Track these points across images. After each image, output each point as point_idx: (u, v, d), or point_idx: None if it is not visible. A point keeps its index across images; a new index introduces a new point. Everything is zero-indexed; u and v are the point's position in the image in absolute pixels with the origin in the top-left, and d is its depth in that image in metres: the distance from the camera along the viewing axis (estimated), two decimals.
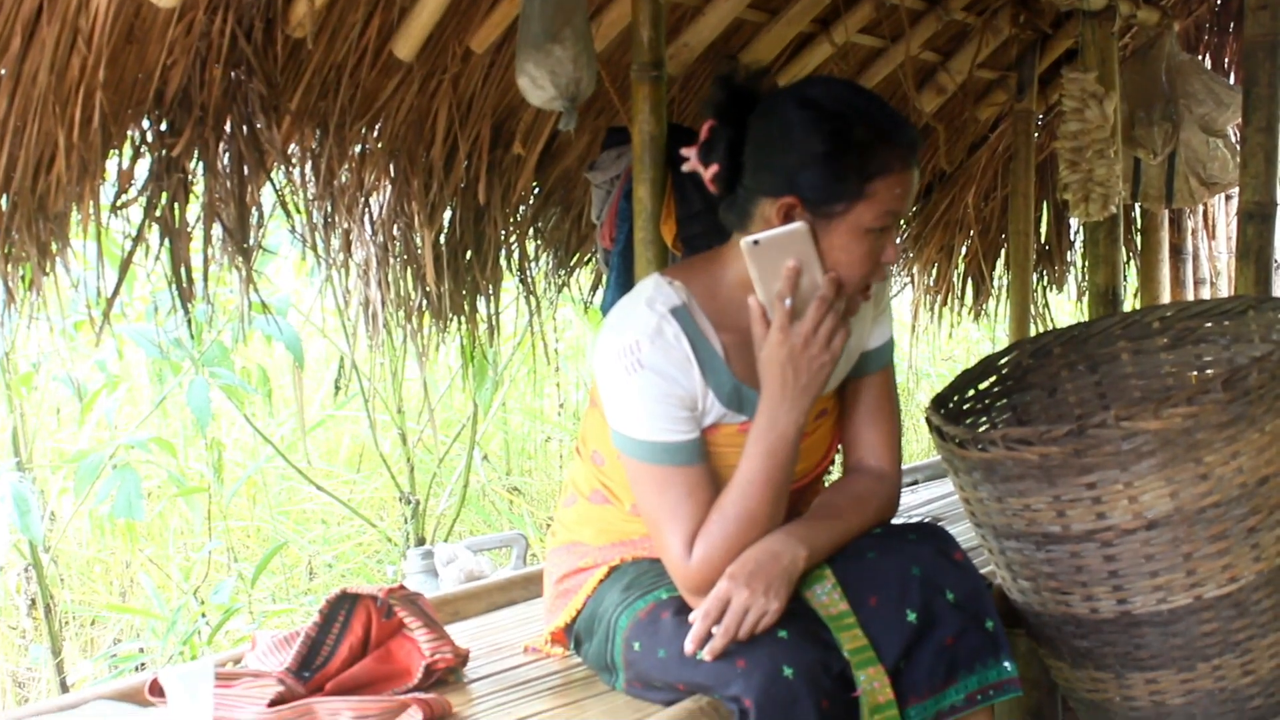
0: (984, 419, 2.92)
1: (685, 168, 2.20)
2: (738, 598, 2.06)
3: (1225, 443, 2.37)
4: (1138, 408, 2.34)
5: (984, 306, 6.13)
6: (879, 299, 2.32)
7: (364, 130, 3.52)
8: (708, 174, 2.14)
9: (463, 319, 4.07)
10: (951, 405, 2.86)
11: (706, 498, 2.12)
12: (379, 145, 3.57)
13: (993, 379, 2.94)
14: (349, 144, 3.48)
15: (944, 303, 6.05)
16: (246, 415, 4.87)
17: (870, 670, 2.09)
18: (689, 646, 2.05)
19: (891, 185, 2.05)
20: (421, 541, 4.85)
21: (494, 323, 4.12)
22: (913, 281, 5.96)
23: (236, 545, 5.21)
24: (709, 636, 2.04)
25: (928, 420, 2.62)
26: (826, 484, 2.44)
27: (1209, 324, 2.86)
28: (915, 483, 4.25)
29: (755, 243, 2.04)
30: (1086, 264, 5.12)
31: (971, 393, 2.91)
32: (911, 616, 2.12)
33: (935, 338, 6.53)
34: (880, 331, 2.34)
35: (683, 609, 2.14)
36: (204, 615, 4.44)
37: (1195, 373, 2.89)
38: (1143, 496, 2.38)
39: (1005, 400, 2.95)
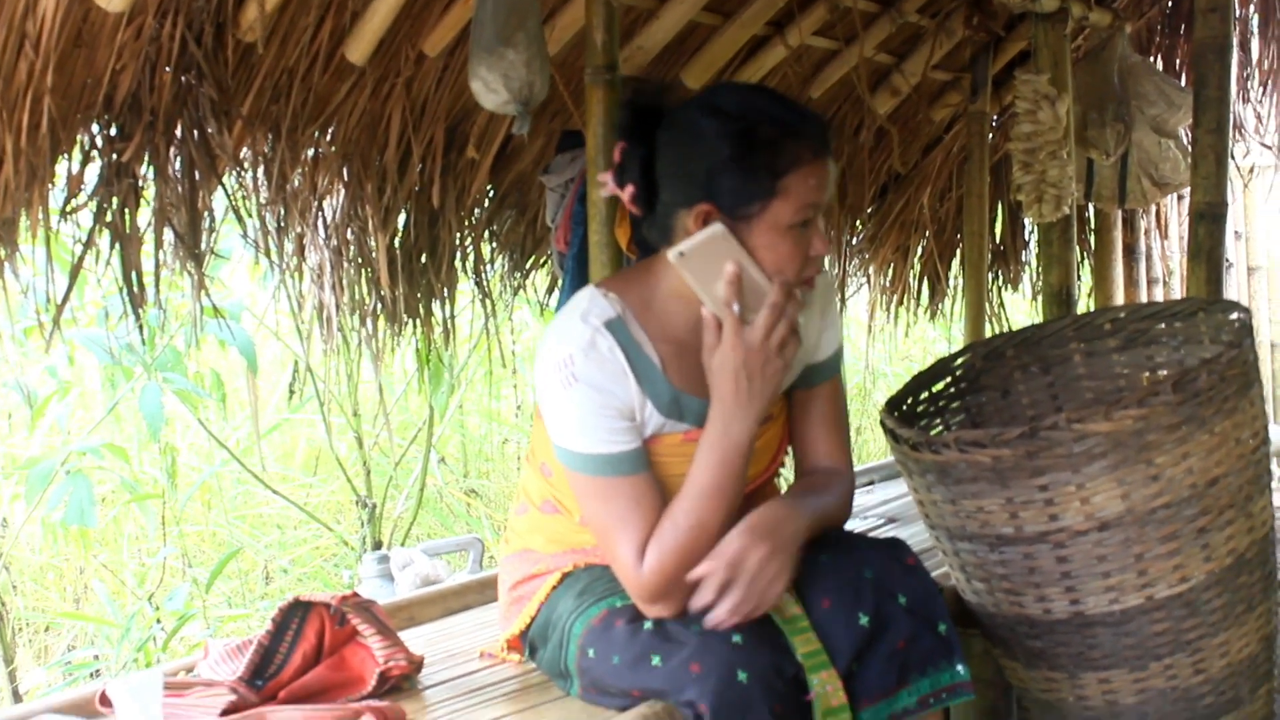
0: (938, 421, 2.93)
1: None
2: (754, 557, 2.05)
3: (1175, 444, 2.38)
4: (1089, 410, 2.35)
5: (940, 306, 6.15)
6: (825, 309, 2.32)
7: (316, 134, 3.50)
8: (625, 195, 2.15)
9: (418, 322, 4.05)
10: (905, 408, 2.87)
11: (654, 505, 2.12)
12: (332, 149, 3.55)
13: (946, 381, 2.96)
14: (301, 148, 3.46)
15: (900, 303, 6.07)
16: (201, 420, 4.84)
17: (823, 674, 2.09)
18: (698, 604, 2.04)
19: (805, 178, 2.05)
20: (378, 545, 4.83)
21: (449, 326, 4.10)
22: (869, 282, 5.98)
23: (191, 551, 5.18)
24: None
25: (882, 423, 2.63)
26: (777, 488, 2.45)
27: (1160, 325, 2.88)
28: (871, 483, 4.26)
29: (681, 254, 2.04)
30: (1041, 264, 5.15)
31: (925, 395, 2.92)
32: (864, 620, 2.12)
33: (892, 338, 6.54)
34: (828, 341, 2.35)
35: (636, 616, 2.14)
36: (159, 621, 4.41)
37: (1146, 374, 2.91)
38: (1094, 498, 2.40)
39: (959, 402, 2.96)
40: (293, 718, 2.12)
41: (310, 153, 3.54)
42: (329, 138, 3.55)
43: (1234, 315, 2.67)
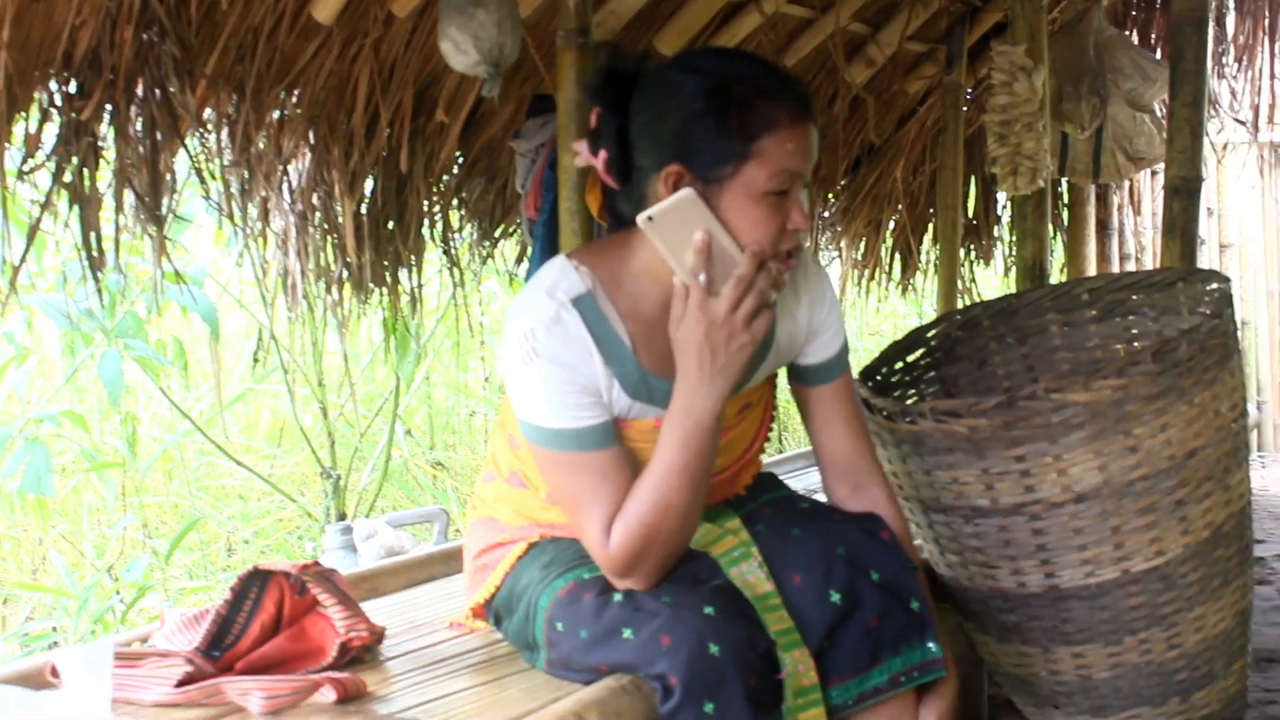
0: (912, 391, 2.89)
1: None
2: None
3: (1154, 415, 2.35)
4: (1067, 380, 2.32)
5: (911, 281, 6.12)
6: (815, 300, 2.25)
7: (282, 95, 3.44)
8: (599, 162, 2.08)
9: (384, 290, 3.99)
10: (880, 378, 2.83)
11: (623, 479, 2.05)
12: (298, 111, 3.49)
13: (921, 351, 2.92)
14: (266, 109, 3.39)
15: (871, 277, 6.03)
16: (162, 388, 4.76)
17: (796, 653, 2.04)
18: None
19: (781, 141, 1.96)
20: (342, 517, 4.76)
21: (416, 294, 4.04)
22: (840, 255, 5.94)
23: (152, 522, 5.10)
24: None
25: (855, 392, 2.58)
26: (759, 466, 2.39)
27: (1137, 296, 2.85)
28: None
29: (650, 218, 1.96)
30: (1014, 238, 5.13)
31: (900, 365, 2.89)
32: (835, 597, 2.07)
33: (863, 312, 6.51)
34: (829, 340, 2.27)
35: (606, 589, 2.07)
36: (118, 593, 4.34)
37: (1124, 345, 2.87)
38: (1071, 469, 2.36)
39: (934, 373, 2.93)
40: (250, 689, 2.05)
41: (275, 115, 3.47)
42: (295, 99, 3.48)
43: (1214, 285, 2.63)
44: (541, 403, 2.04)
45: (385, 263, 3.93)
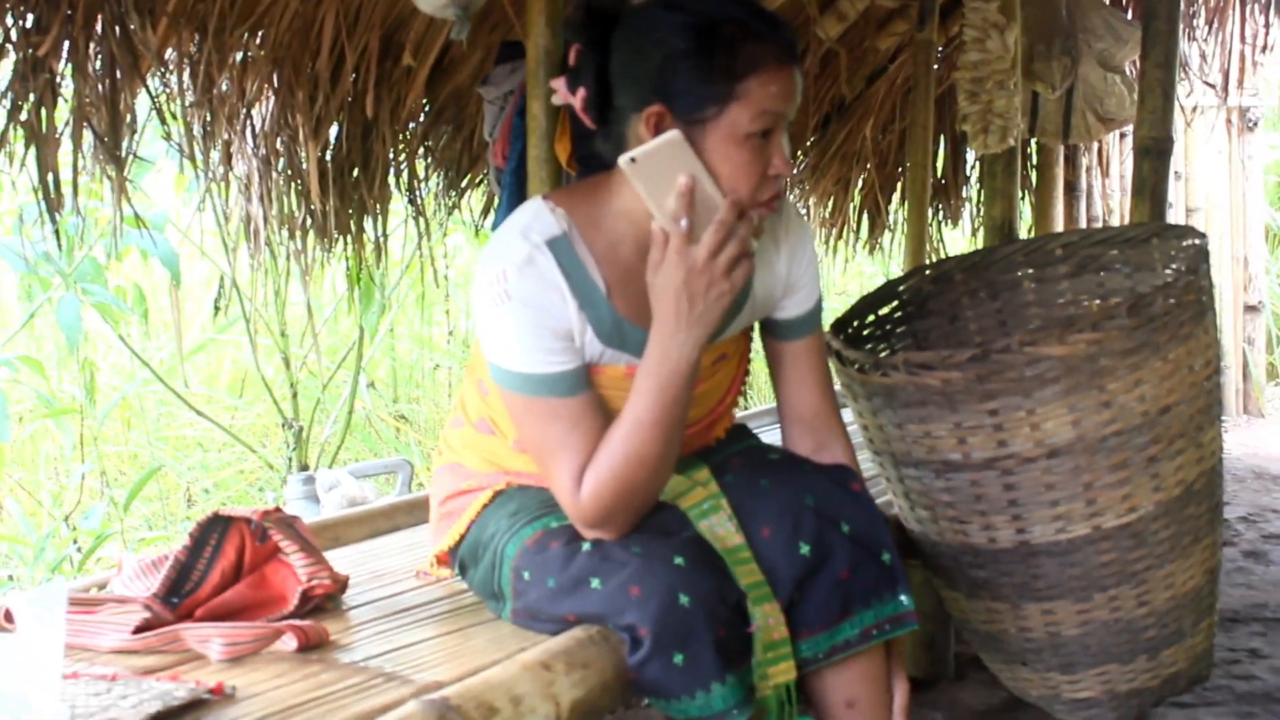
0: (883, 345, 2.86)
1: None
2: None
3: (1129, 370, 2.32)
4: (1042, 333, 2.29)
5: (879, 240, 6.10)
6: (795, 251, 2.21)
7: (246, 37, 3.37)
8: (577, 100, 2.03)
9: (349, 239, 3.94)
10: (851, 330, 2.80)
11: (594, 427, 2.01)
12: (261, 53, 3.42)
13: (893, 305, 2.89)
14: (229, 50, 3.33)
15: (839, 236, 6.01)
16: (121, 335, 4.69)
17: (766, 607, 2.01)
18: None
19: (765, 83, 1.92)
20: (305, 468, 4.71)
21: (381, 244, 3.99)
22: (808, 213, 5.91)
23: (112, 471, 5.04)
24: None
25: (828, 345, 2.55)
26: (732, 419, 2.37)
27: (1112, 252, 2.83)
28: None
29: (633, 160, 1.91)
30: (982, 198, 5.10)
31: (871, 318, 2.86)
32: (805, 549, 2.04)
33: (830, 271, 6.48)
34: (806, 294, 2.24)
35: (574, 539, 2.04)
36: (75, 542, 4.28)
37: (1097, 301, 2.85)
38: (1045, 424, 2.34)
39: (905, 327, 2.90)
40: (209, 635, 2.01)
41: (239, 56, 3.41)
42: (259, 41, 3.41)
43: (1189, 240, 2.61)
44: (513, 346, 1.99)
45: (350, 211, 3.87)
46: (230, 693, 1.84)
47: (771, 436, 2.41)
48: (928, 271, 2.93)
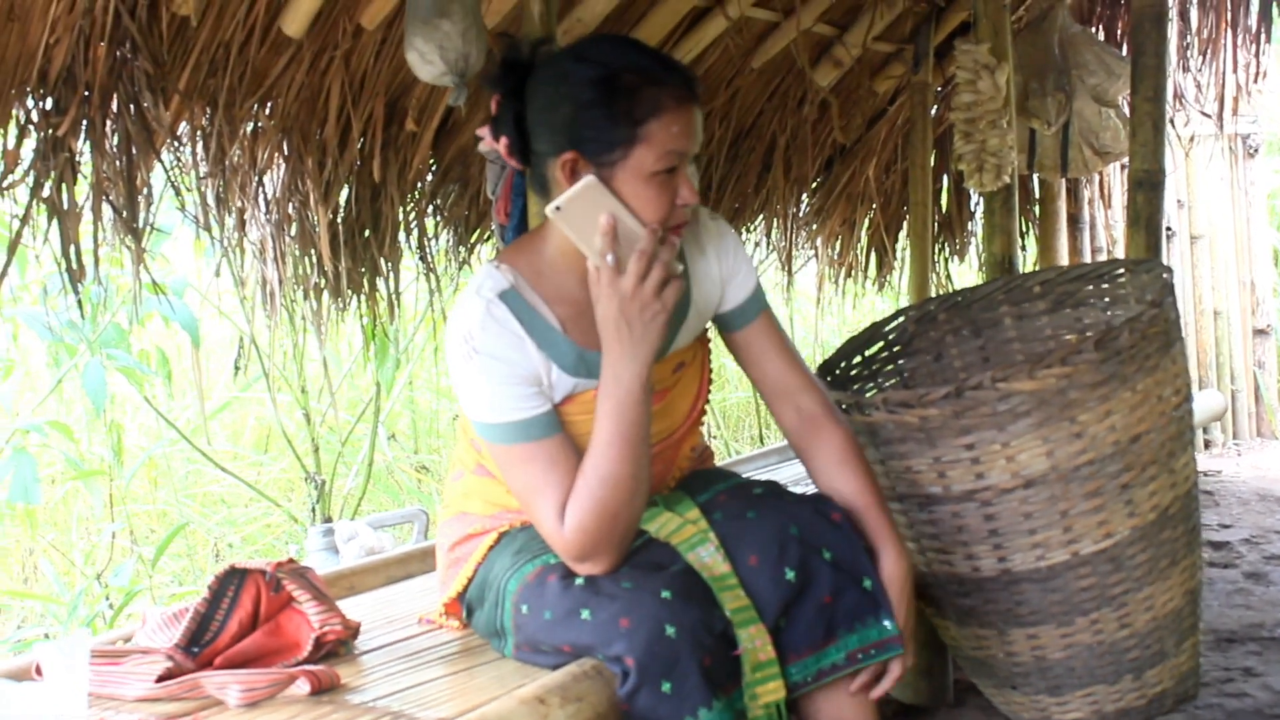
0: (871, 384, 2.97)
1: (481, 147, 2.24)
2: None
3: (1098, 401, 2.43)
4: (1013, 369, 2.39)
5: (887, 278, 6.20)
6: (720, 254, 2.35)
7: (255, 108, 3.51)
8: (501, 147, 2.18)
9: (363, 297, 4.06)
10: (839, 371, 2.90)
11: (570, 465, 2.15)
12: (271, 123, 3.56)
13: (879, 345, 2.99)
14: (240, 122, 3.47)
15: (848, 275, 6.11)
16: (147, 397, 4.83)
17: (752, 629, 2.12)
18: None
19: (667, 125, 2.08)
20: (328, 520, 4.83)
21: (393, 300, 4.11)
22: (816, 254, 6.02)
23: (142, 529, 5.17)
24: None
25: None
26: (700, 437, 2.48)
27: (1088, 287, 2.93)
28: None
29: (557, 208, 2.08)
30: (984, 233, 5.20)
31: (859, 359, 2.96)
32: (790, 575, 2.16)
33: (840, 310, 6.59)
34: (740, 285, 2.38)
35: (569, 573, 2.17)
36: (107, 598, 4.41)
37: (1075, 335, 2.95)
38: (1020, 456, 2.44)
39: (892, 366, 3.01)
40: (227, 682, 2.13)
41: (249, 127, 3.54)
42: (268, 111, 3.55)
43: (1156, 274, 2.71)
44: (485, 398, 2.14)
45: (362, 269, 4.00)
46: None
47: (783, 473, 2.52)
48: (912, 312, 3.03)
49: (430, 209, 4.24)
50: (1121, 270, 2.87)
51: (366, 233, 3.98)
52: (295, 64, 3.47)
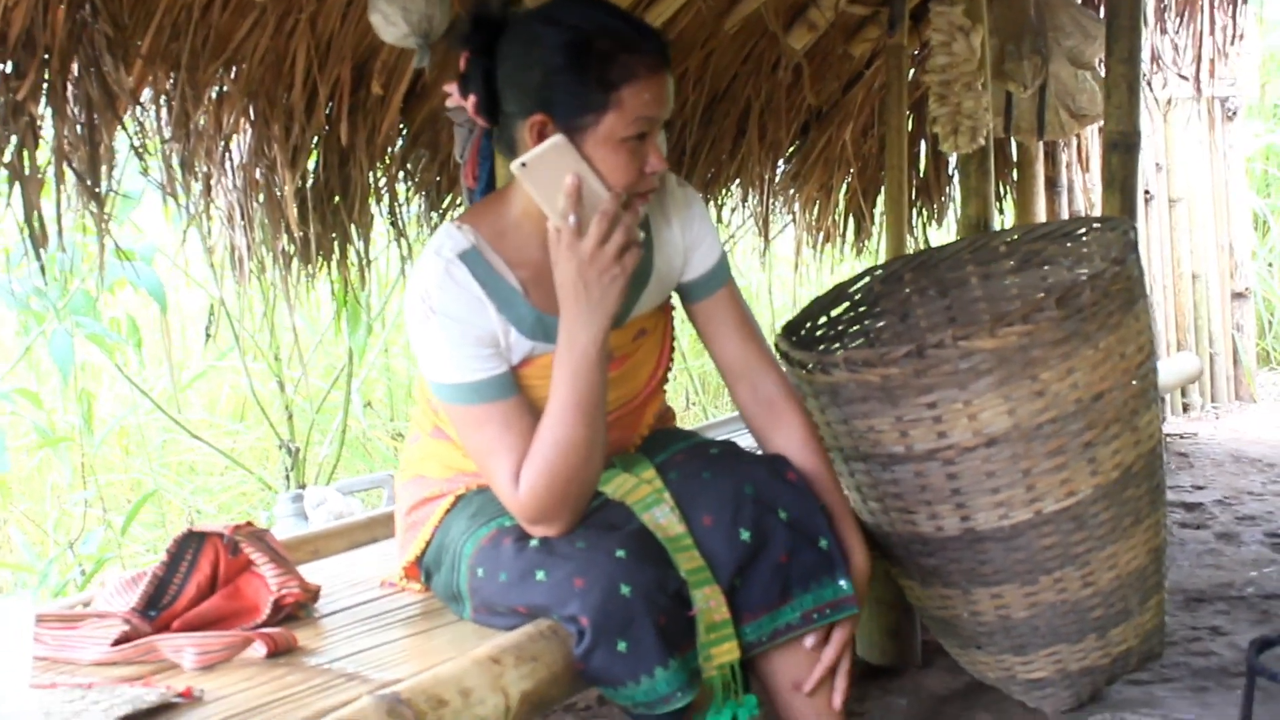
0: (836, 345, 2.96)
1: (449, 103, 2.22)
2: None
3: (1060, 359, 2.42)
4: (975, 327, 2.38)
5: (865, 243, 6.18)
6: (686, 224, 2.34)
7: (220, 72, 3.48)
8: (469, 105, 2.17)
9: (333, 264, 4.04)
10: (804, 332, 2.89)
11: (526, 428, 2.14)
12: (236, 88, 3.53)
13: (845, 305, 2.98)
14: (204, 87, 3.44)
15: (826, 240, 6.09)
16: (118, 365, 4.81)
17: (706, 589, 2.12)
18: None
19: (639, 92, 2.08)
20: (302, 487, 4.82)
21: (363, 266, 4.09)
22: (794, 220, 6.00)
23: (119, 499, 5.15)
24: None
25: (775, 346, 2.65)
26: (663, 401, 2.47)
27: (1053, 246, 2.92)
28: None
29: (523, 165, 2.06)
30: (960, 197, 5.19)
31: (824, 319, 2.95)
32: (745, 535, 2.15)
33: (819, 275, 6.57)
34: (704, 255, 2.37)
35: (523, 535, 2.16)
36: (80, 567, 4.40)
37: (1042, 294, 2.94)
38: (981, 414, 2.43)
39: (858, 326, 2.99)
40: (183, 645, 2.13)
41: (214, 92, 3.52)
42: (233, 76, 3.52)
43: (1121, 231, 2.69)
44: (443, 358, 2.13)
45: (332, 235, 3.98)
46: (199, 696, 1.95)
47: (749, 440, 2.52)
48: (878, 272, 3.02)
49: (401, 174, 4.22)
50: (1086, 228, 2.86)
51: (336, 199, 3.95)
52: (259, 28, 3.44)
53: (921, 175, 5.99)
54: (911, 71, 5.33)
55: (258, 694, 1.99)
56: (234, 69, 3.51)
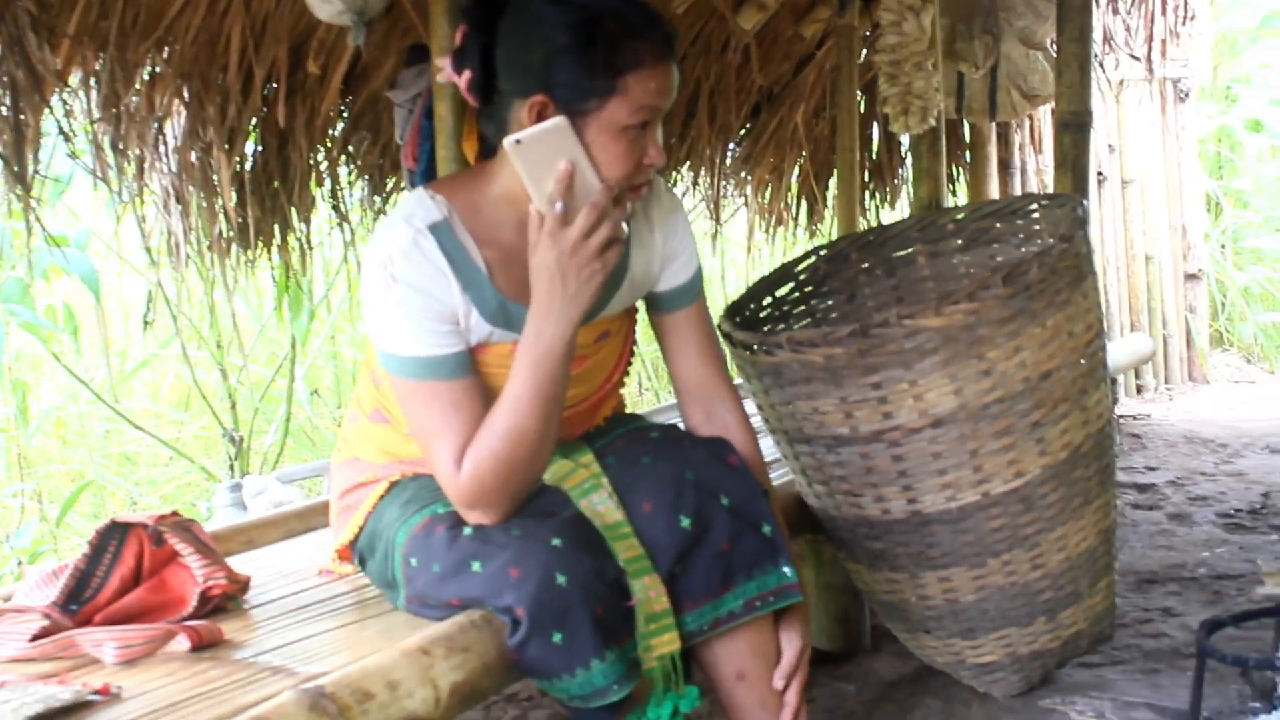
0: (781, 326, 2.91)
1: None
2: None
3: (1007, 338, 2.37)
4: (919, 306, 2.33)
5: (818, 226, 6.13)
6: (668, 231, 2.27)
7: (151, 52, 3.39)
8: (462, 81, 2.09)
9: (274, 248, 3.97)
10: (748, 313, 2.84)
11: (475, 411, 2.07)
12: (169, 69, 3.44)
13: (790, 286, 2.93)
14: (135, 67, 3.35)
15: (779, 223, 6.04)
16: (55, 354, 4.71)
17: (646, 579, 2.05)
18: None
19: (645, 80, 2.00)
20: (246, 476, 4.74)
21: (304, 250, 4.02)
22: (746, 203, 5.95)
23: (58, 490, 5.05)
24: None
25: (719, 327, 2.60)
26: (617, 403, 2.41)
27: (1001, 224, 2.87)
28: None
29: (518, 141, 1.97)
30: (912, 178, 5.16)
31: (769, 300, 2.90)
32: (685, 522, 2.09)
33: (772, 258, 6.52)
34: (682, 266, 2.29)
35: (457, 523, 2.09)
36: (17, 560, 4.31)
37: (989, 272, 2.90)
38: (927, 394, 2.38)
39: (804, 307, 2.94)
40: (103, 639, 2.05)
41: (146, 73, 3.43)
42: (165, 56, 3.44)
43: (1069, 209, 2.65)
44: (398, 329, 2.05)
45: (272, 220, 3.90)
46: (116, 693, 1.88)
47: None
48: (824, 251, 2.97)
49: (343, 157, 4.14)
50: (1035, 205, 2.82)
51: (275, 182, 3.87)
52: (191, 6, 3.36)
53: (874, 157, 5.95)
54: (864, 52, 5.29)
55: (179, 689, 1.91)
56: (166, 49, 3.43)
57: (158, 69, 3.45)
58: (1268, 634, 2.66)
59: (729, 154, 5.60)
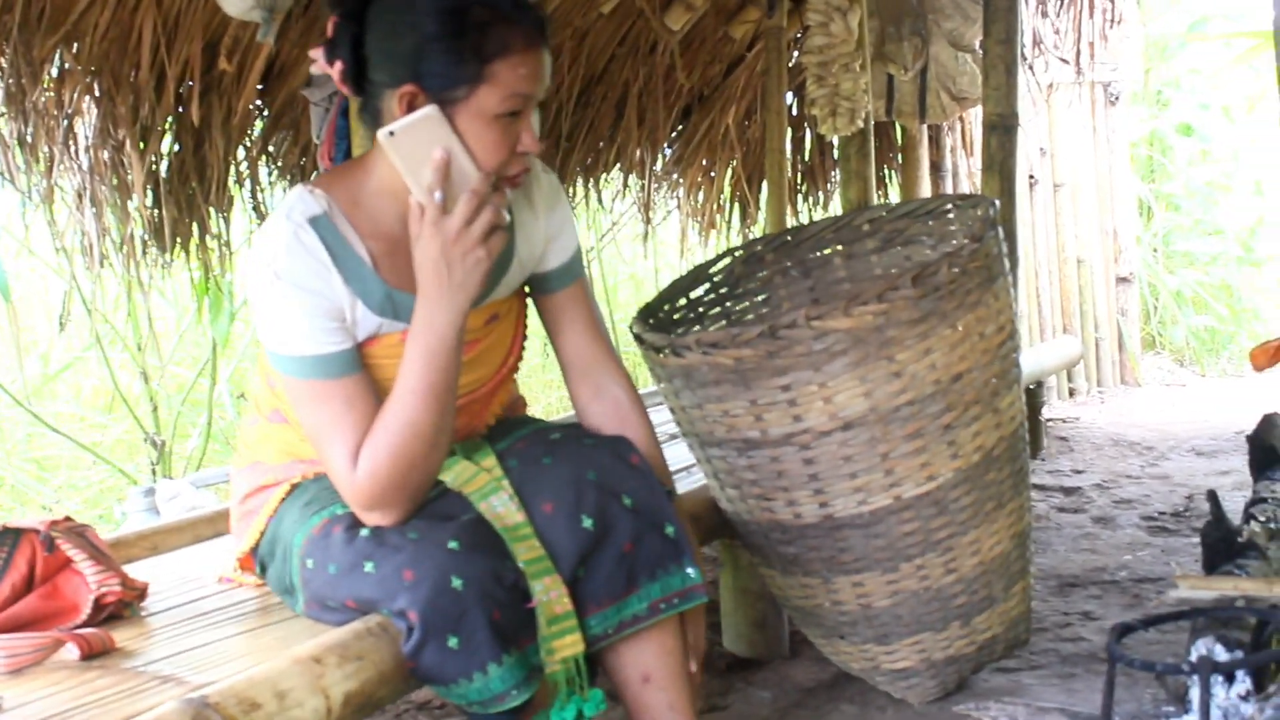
0: (696, 328, 2.88)
1: (313, 69, 2.11)
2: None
3: (917, 339, 2.36)
4: (828, 307, 2.31)
5: (751, 228, 6.11)
6: (550, 212, 2.25)
7: (61, 47, 3.33)
8: (335, 72, 2.05)
9: (192, 248, 3.90)
10: (662, 315, 2.81)
11: (368, 408, 2.03)
12: (78, 65, 3.38)
13: (705, 287, 2.90)
14: (41, 63, 3.28)
15: (711, 225, 6.02)
16: None
17: (546, 580, 2.02)
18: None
19: (514, 66, 1.98)
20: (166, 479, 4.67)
21: (223, 251, 3.95)
22: (679, 205, 5.93)
23: None
24: None
25: (630, 329, 2.57)
26: (513, 390, 2.37)
27: (916, 225, 2.86)
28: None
29: (391, 133, 1.95)
30: (840, 180, 5.15)
31: (683, 302, 2.87)
32: (587, 523, 2.06)
33: (704, 260, 6.49)
34: (563, 246, 2.27)
35: (354, 524, 2.05)
36: None
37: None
38: (837, 397, 2.36)
39: (719, 308, 2.92)
40: None
41: (53, 69, 3.36)
42: (74, 51, 3.37)
43: (980, 209, 2.63)
44: (286, 328, 2.02)
45: (190, 220, 3.84)
46: None
47: None
48: (739, 253, 2.95)
49: (263, 157, 4.08)
50: (950, 206, 2.80)
51: (193, 182, 3.81)
52: (100, 2, 3.29)
53: (806, 160, 5.94)
54: (794, 54, 5.28)
55: (62, 699, 1.86)
56: (75, 44, 3.36)
57: (66, 65, 3.37)
58: (1183, 636, 2.65)
59: (661, 156, 5.57)
